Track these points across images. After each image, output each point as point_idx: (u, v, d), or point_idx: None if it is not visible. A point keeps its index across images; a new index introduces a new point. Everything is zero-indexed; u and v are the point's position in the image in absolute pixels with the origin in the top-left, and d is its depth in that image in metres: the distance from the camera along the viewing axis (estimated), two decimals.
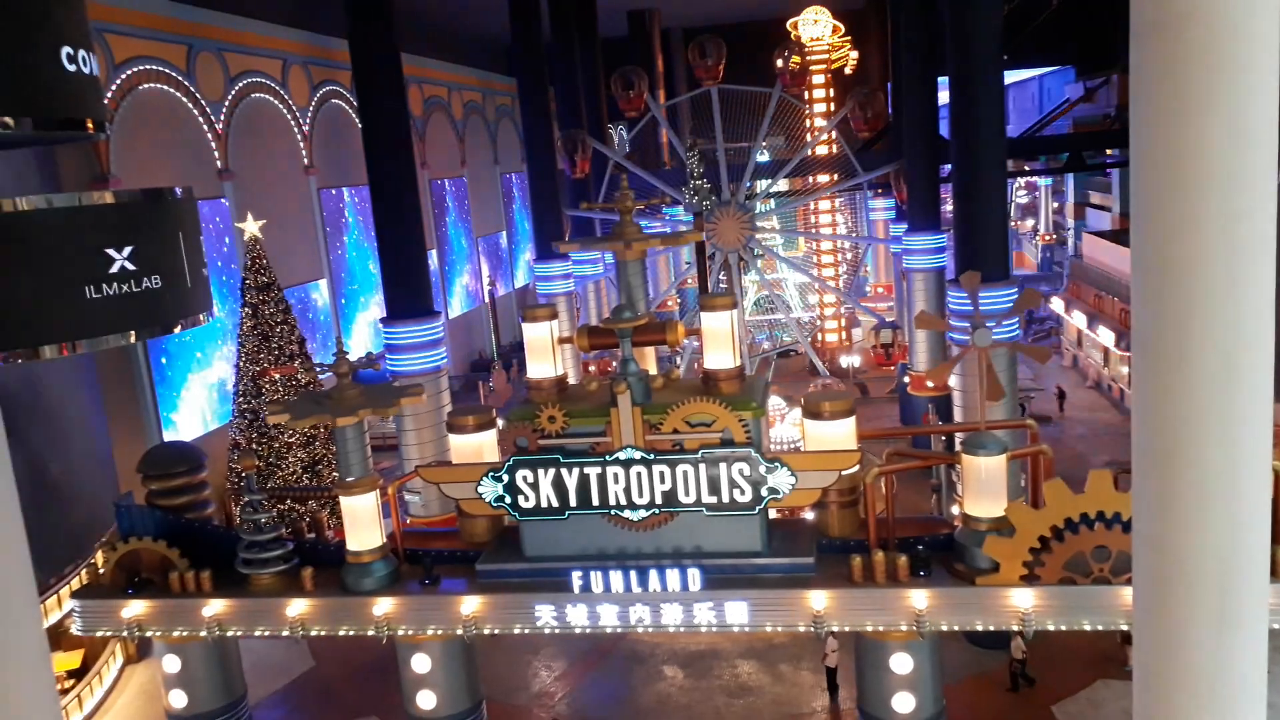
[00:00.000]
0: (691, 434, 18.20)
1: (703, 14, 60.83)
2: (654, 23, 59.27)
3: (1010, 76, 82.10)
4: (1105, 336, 43.34)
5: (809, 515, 20.03)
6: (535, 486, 18.45)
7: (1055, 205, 79.55)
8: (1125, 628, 17.28)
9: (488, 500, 18.70)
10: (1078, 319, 47.66)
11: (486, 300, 58.88)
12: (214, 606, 19.49)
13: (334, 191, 44.77)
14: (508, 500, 18.62)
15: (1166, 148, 8.15)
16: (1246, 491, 8.59)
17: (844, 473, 18.09)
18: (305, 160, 42.41)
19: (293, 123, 41.54)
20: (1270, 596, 16.08)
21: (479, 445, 19.90)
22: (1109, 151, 54.22)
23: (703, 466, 18.04)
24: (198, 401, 34.30)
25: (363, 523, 19.39)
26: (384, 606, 18.94)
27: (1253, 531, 8.75)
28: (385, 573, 19.40)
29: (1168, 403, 8.60)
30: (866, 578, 17.72)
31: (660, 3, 57.35)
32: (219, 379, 35.15)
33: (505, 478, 18.49)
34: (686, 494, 18.24)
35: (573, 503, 18.48)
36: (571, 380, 20.82)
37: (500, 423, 19.89)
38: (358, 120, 35.59)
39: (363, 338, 45.59)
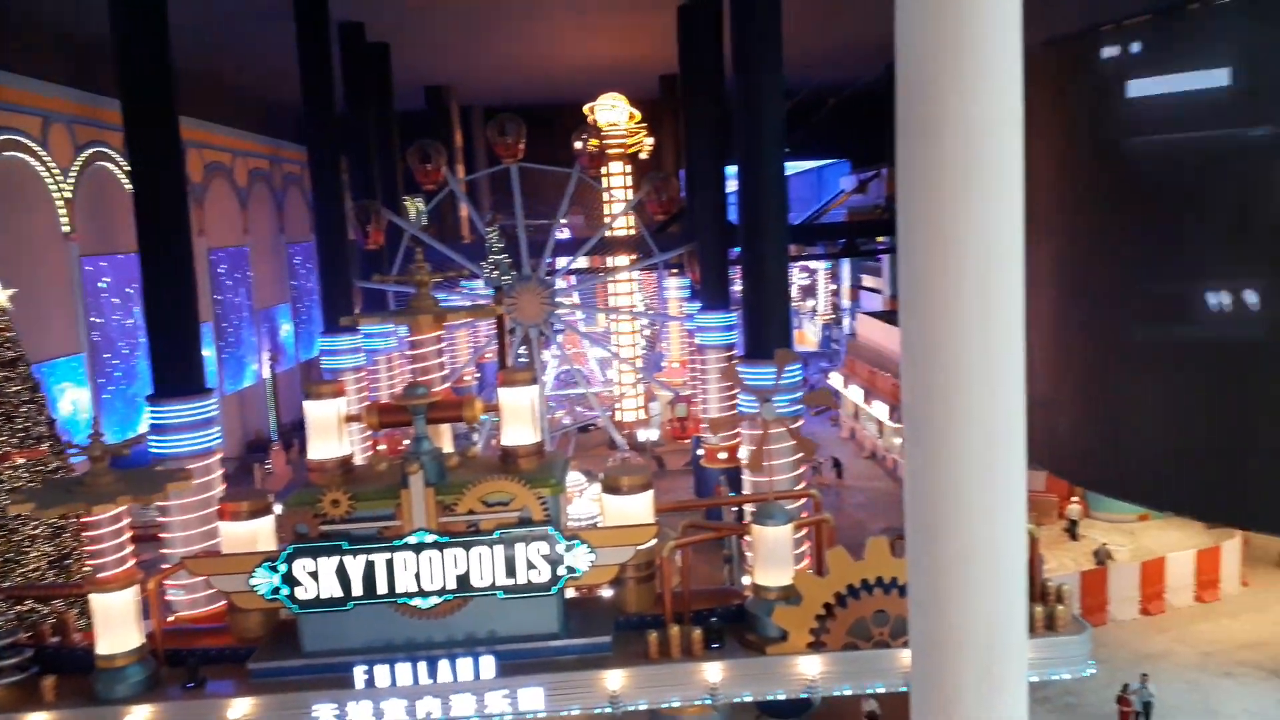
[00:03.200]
0: (488, 514, 17.69)
1: (502, 94, 61.66)
2: (452, 100, 59.42)
3: (792, 167, 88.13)
4: (879, 410, 46.20)
5: (607, 592, 19.83)
6: (316, 576, 17.27)
7: (833, 287, 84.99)
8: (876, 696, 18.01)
9: (262, 593, 17.32)
10: (854, 393, 50.63)
11: (266, 376, 55.69)
12: None
13: (103, 261, 41.35)
14: (285, 592, 17.31)
15: (928, 237, 8.76)
16: (1006, 555, 9.15)
17: (641, 547, 18.08)
18: (65, 226, 39.01)
19: (51, 185, 38.22)
20: (1028, 652, 17.29)
21: (253, 533, 18.46)
22: (880, 239, 58.73)
23: (499, 548, 17.52)
24: None
25: (117, 622, 17.44)
26: (139, 715, 17.00)
27: (1013, 592, 9.31)
28: (142, 677, 17.49)
29: (934, 473, 9.08)
30: (662, 653, 17.67)
31: (459, 81, 57.65)
32: None
33: (282, 568, 17.21)
34: (481, 577, 17.62)
35: (357, 592, 17.42)
36: (358, 461, 19.83)
37: (278, 508, 18.60)
38: (128, 185, 33.18)
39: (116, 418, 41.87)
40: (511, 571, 17.55)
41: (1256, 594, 30.43)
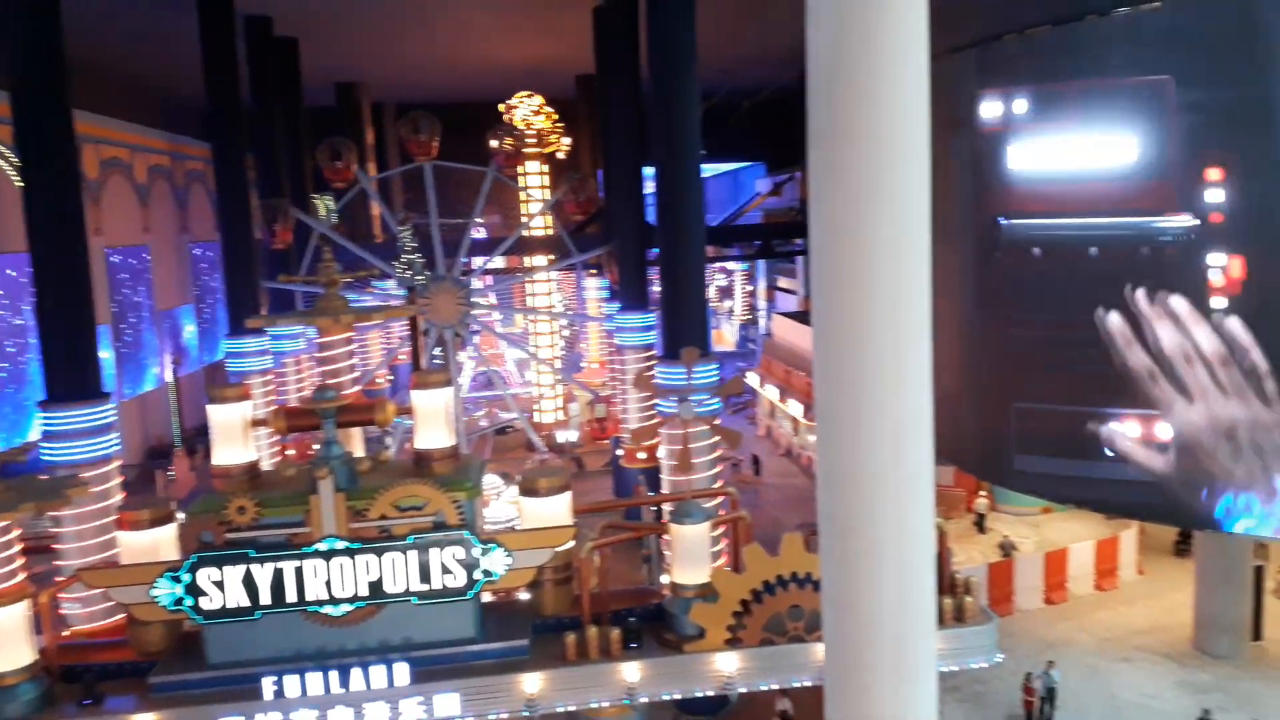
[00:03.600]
0: (401, 519, 17.36)
1: (415, 91, 60.62)
2: (364, 97, 58.25)
3: (710, 169, 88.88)
4: (794, 408, 46.90)
5: (525, 595, 19.67)
6: (221, 586, 16.71)
7: (749, 288, 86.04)
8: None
9: (164, 604, 16.68)
10: (770, 392, 51.30)
11: (169, 379, 53.69)
12: None
13: None
14: (189, 603, 16.71)
15: (838, 239, 8.91)
16: (914, 549, 9.35)
17: (559, 549, 17.98)
18: None
19: None
20: (938, 643, 17.73)
21: (154, 542, 17.78)
22: (795, 240, 59.66)
23: (413, 553, 17.22)
24: None
25: (7, 638, 16.59)
26: None
27: (921, 585, 9.51)
28: (34, 695, 16.69)
29: (845, 469, 9.24)
30: (580, 655, 17.60)
31: (371, 77, 56.52)
32: None
33: (186, 578, 16.61)
34: (395, 583, 17.30)
35: (265, 601, 16.92)
36: (265, 467, 19.26)
37: (181, 516, 17.94)
38: (17, 180, 31.61)
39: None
40: (426, 577, 17.27)
41: (1152, 581, 31.81)
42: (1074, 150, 23.41)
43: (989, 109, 25.06)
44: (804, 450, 46.98)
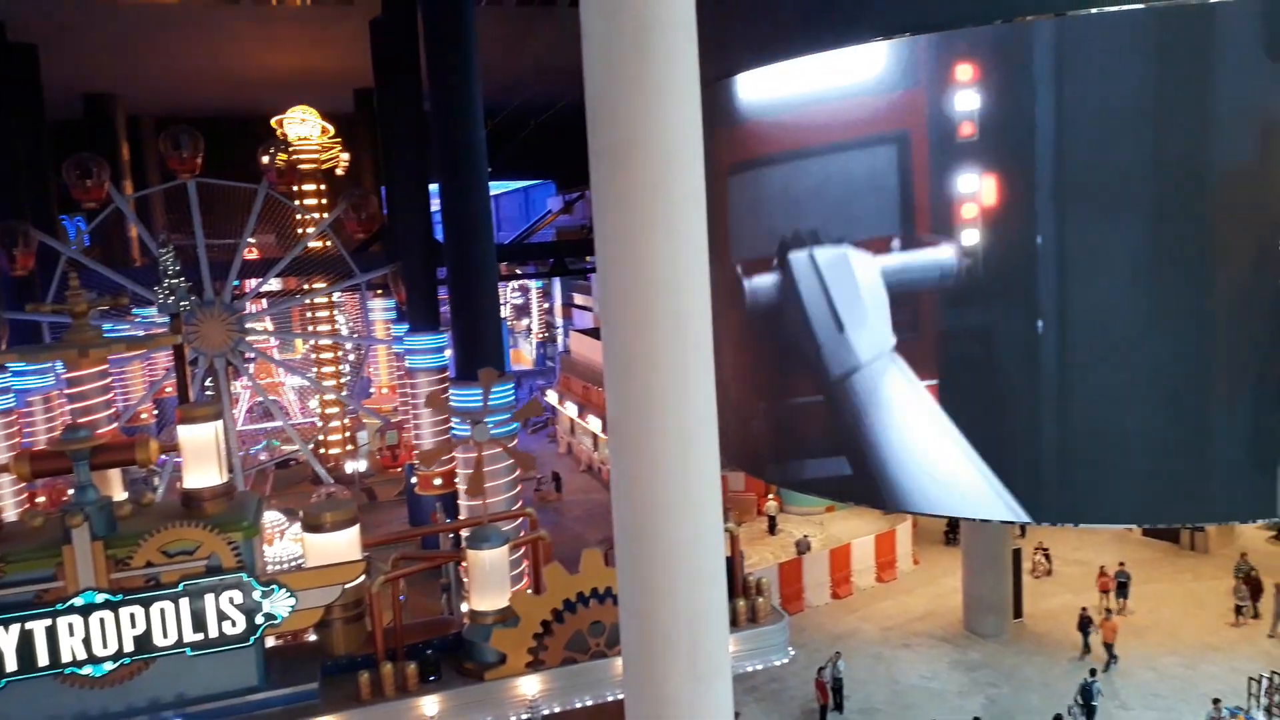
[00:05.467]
0: (169, 565, 15.99)
1: (177, 103, 56.56)
2: (118, 109, 53.78)
3: (501, 187, 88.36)
4: (594, 424, 47.28)
5: (313, 636, 18.59)
6: None
7: (546, 305, 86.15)
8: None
9: None
10: (570, 409, 51.49)
11: None
12: None
13: None
14: None
15: (622, 256, 8.99)
16: (705, 555, 9.52)
17: (349, 585, 17.11)
18: None
19: None
20: (731, 646, 18.22)
21: None
22: (588, 258, 60.27)
23: (185, 601, 15.88)
24: None
25: None
26: None
27: (713, 590, 9.69)
28: None
29: (637, 481, 9.29)
30: (375, 693, 16.80)
31: (123, 89, 52.23)
32: None
33: None
34: (165, 635, 15.91)
35: (12, 667, 15.08)
36: (9, 517, 17.21)
37: None
38: None
39: None
40: (201, 626, 15.97)
41: (926, 570, 34.24)
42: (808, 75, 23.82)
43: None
44: (605, 466, 47.39)
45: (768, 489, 37.24)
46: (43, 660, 15.27)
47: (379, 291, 49.85)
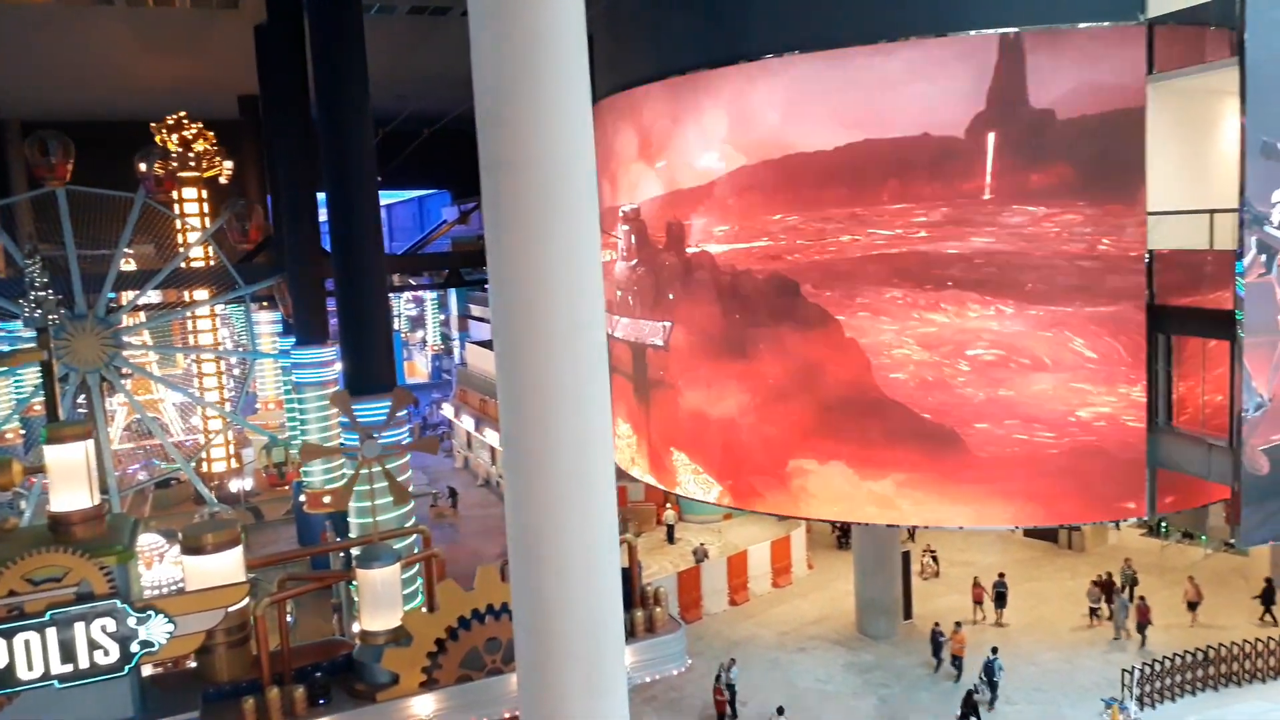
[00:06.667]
0: (34, 594, 15.07)
1: (45, 107, 53.67)
2: None
3: (393, 196, 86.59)
4: (491, 437, 46.71)
5: (193, 663, 17.78)
6: None
7: (441, 317, 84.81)
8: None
9: None
10: (466, 422, 50.78)
11: None
12: None
13: None
14: None
15: (515, 268, 8.90)
16: (601, 566, 9.47)
17: (231, 609, 16.43)
18: None
19: None
20: (630, 655, 18.23)
21: None
22: (483, 269, 59.54)
23: (51, 631, 14.98)
24: None
25: None
26: None
27: (609, 602, 9.65)
28: None
29: (532, 494, 9.18)
30: None
31: None
32: None
33: None
34: (30, 668, 14.98)
35: None
36: None
37: None
38: None
39: None
40: (70, 656, 15.10)
41: (820, 574, 34.94)
42: None
43: None
44: (502, 480, 46.84)
45: (666, 498, 37.40)
46: None
47: (265, 303, 48.26)
